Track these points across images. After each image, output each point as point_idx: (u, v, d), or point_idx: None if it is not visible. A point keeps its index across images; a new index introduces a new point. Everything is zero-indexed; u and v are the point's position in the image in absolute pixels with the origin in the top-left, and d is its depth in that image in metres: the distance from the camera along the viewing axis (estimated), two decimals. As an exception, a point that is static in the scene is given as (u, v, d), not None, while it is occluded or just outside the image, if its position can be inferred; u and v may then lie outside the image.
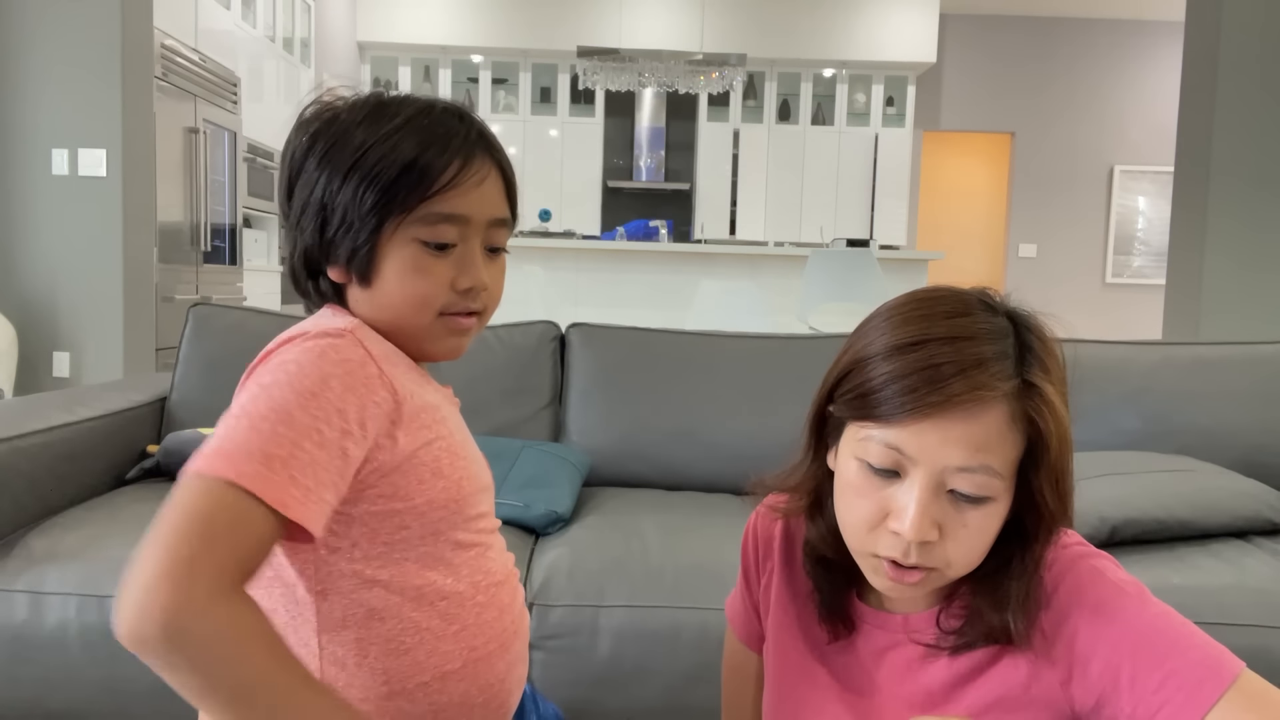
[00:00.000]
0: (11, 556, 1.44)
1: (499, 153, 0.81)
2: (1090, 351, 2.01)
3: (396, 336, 0.78)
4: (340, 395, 0.68)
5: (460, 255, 0.77)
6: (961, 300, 0.69)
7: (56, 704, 1.39)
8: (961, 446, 0.64)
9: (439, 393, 0.81)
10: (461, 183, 0.75)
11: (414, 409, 0.73)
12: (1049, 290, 7.86)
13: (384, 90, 0.82)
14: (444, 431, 0.76)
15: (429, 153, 0.75)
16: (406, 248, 0.75)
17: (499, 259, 0.82)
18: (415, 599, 0.73)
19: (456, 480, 0.75)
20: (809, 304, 4.29)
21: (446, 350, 0.80)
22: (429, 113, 0.78)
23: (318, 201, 0.75)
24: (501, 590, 0.80)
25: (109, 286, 3.73)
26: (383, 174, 0.73)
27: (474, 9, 7.14)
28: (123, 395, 1.90)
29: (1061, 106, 7.80)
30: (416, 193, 0.74)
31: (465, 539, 0.77)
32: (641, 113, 7.69)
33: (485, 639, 0.77)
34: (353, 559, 0.72)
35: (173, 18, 4.29)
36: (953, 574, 0.68)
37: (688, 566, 1.47)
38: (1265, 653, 1.34)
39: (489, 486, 0.83)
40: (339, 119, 0.78)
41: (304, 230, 0.77)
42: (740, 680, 0.92)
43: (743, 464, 0.89)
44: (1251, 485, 1.65)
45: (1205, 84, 4.03)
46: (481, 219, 0.78)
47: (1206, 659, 0.62)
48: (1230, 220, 3.95)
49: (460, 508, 0.76)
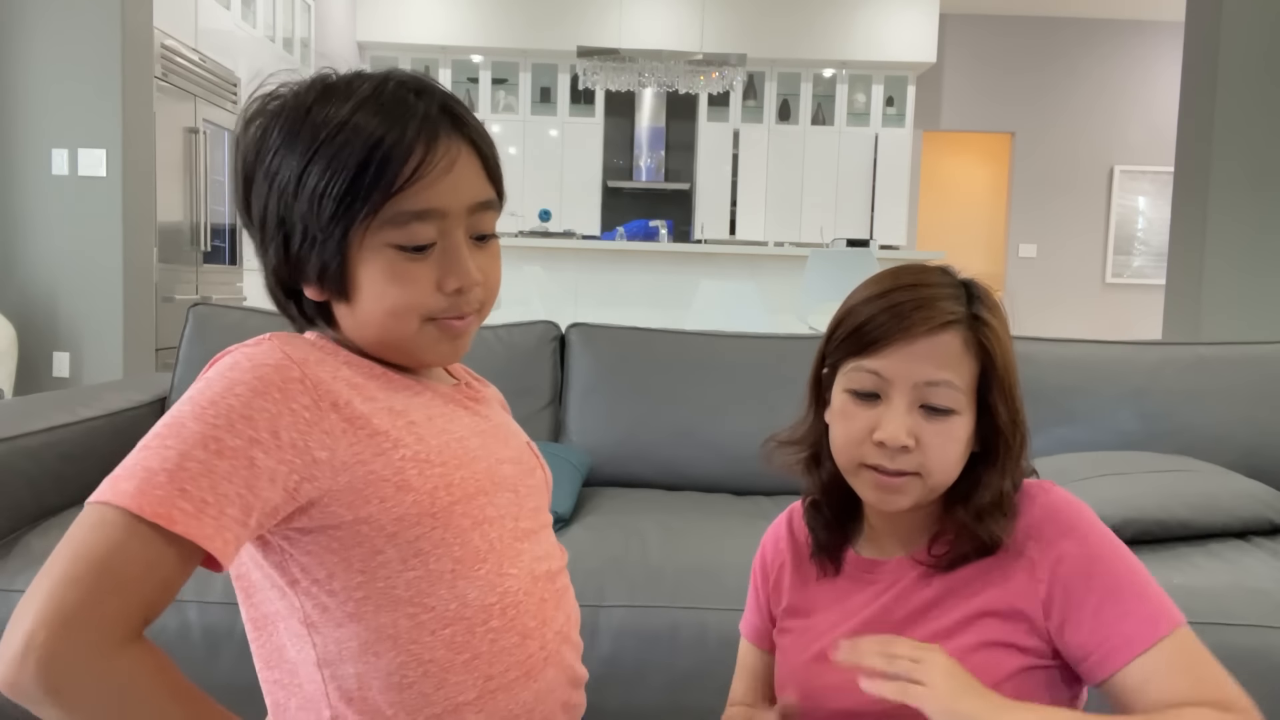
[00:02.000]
0: (11, 556, 1.44)
1: (469, 126, 0.70)
2: (1090, 351, 2.01)
3: (385, 350, 0.71)
4: (246, 401, 0.61)
5: (442, 253, 0.68)
6: (923, 267, 0.84)
7: (56, 704, 1.38)
8: (928, 363, 0.77)
9: (433, 396, 0.74)
10: (427, 172, 0.66)
11: (357, 416, 0.65)
12: (1049, 290, 7.87)
13: (330, 72, 0.70)
14: (408, 439, 0.67)
15: (385, 143, 0.65)
16: (379, 255, 0.67)
17: (490, 245, 0.73)
18: (413, 629, 0.67)
19: (429, 491, 0.66)
20: (809, 304, 4.29)
21: (444, 355, 0.73)
22: (380, 94, 0.67)
23: (275, 216, 0.67)
24: (521, 612, 0.71)
25: (109, 286, 3.73)
26: (336, 177, 0.64)
27: (474, 9, 7.14)
28: (123, 395, 1.90)
29: (1061, 106, 7.80)
30: (378, 192, 0.65)
31: (464, 554, 0.68)
32: (641, 113, 7.69)
33: (504, 667, 0.69)
34: (332, 591, 0.66)
35: (173, 18, 4.29)
36: (932, 482, 0.78)
37: (688, 566, 1.47)
38: (1265, 653, 1.34)
39: (507, 485, 0.74)
40: (284, 113, 0.68)
41: (267, 249, 0.69)
42: (748, 673, 0.97)
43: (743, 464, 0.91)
44: (1251, 485, 1.65)
45: (1205, 84, 4.03)
46: (459, 208, 0.68)
47: (1160, 607, 0.74)
48: (1230, 220, 3.95)
49: (446, 520, 0.67)
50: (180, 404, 0.62)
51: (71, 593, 0.54)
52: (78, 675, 0.54)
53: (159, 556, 0.56)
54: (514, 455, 0.77)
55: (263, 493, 0.60)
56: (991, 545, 0.78)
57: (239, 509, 0.59)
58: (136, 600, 0.56)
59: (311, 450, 0.63)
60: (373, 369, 0.71)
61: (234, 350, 0.66)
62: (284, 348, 0.66)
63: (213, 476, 0.58)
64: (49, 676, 0.53)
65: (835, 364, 0.82)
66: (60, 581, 0.55)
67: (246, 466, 0.59)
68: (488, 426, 0.77)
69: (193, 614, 1.39)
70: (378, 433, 0.66)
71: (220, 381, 0.62)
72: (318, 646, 0.67)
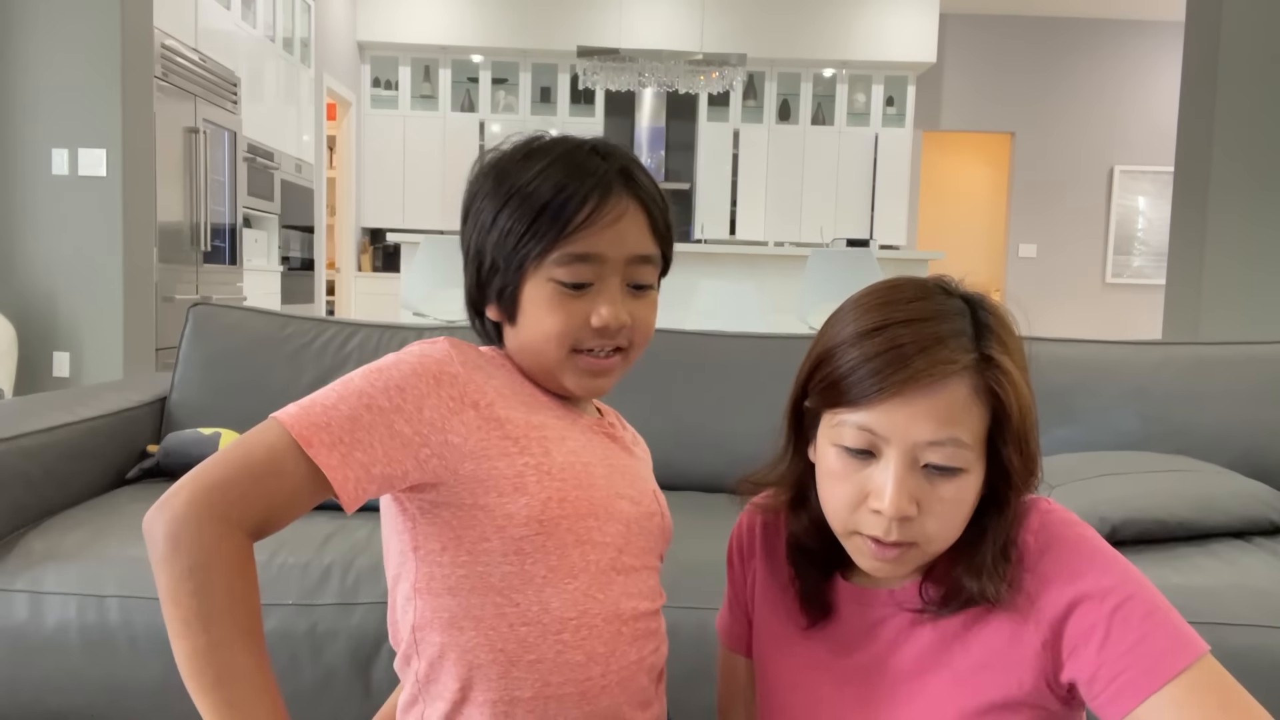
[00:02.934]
0: (11, 556, 1.44)
1: (643, 188, 0.80)
2: (1090, 351, 2.01)
3: (537, 374, 0.81)
4: (405, 376, 0.72)
5: (598, 294, 0.78)
6: (920, 286, 0.73)
7: (56, 704, 1.39)
8: (929, 421, 0.67)
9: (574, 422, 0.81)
10: (595, 222, 0.76)
11: (494, 417, 0.74)
12: (1049, 290, 7.87)
13: (543, 134, 0.83)
14: (535, 449, 0.75)
15: (563, 194, 0.76)
16: (544, 287, 0.77)
17: (646, 296, 0.82)
18: (495, 617, 0.74)
19: (542, 500, 0.73)
20: (809, 304, 4.29)
21: (584, 389, 0.81)
22: (574, 153, 0.79)
23: (474, 247, 0.80)
24: (593, 635, 0.76)
25: (109, 286, 3.73)
26: (522, 218, 0.76)
27: (474, 9, 7.14)
28: (123, 395, 1.90)
29: (1061, 106, 7.80)
30: (551, 234, 0.75)
31: (559, 565, 0.75)
32: (641, 113, 7.69)
33: (562, 679, 0.75)
34: (441, 563, 0.74)
35: (173, 18, 4.29)
36: (933, 549, 0.71)
37: (687, 566, 1.47)
38: (1265, 653, 1.34)
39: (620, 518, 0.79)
40: (497, 164, 0.80)
41: (467, 273, 0.82)
42: (734, 687, 0.94)
43: (743, 464, 0.89)
44: (1251, 485, 1.65)
45: (1205, 84, 4.03)
46: (618, 257, 0.78)
47: (1176, 635, 0.65)
48: (1230, 220, 3.95)
49: (551, 530, 0.74)
50: (361, 369, 0.74)
51: (219, 470, 0.66)
52: (190, 530, 0.63)
53: (294, 469, 0.67)
54: (635, 495, 0.82)
55: (394, 453, 0.69)
56: (988, 601, 0.70)
57: (367, 456, 0.68)
58: (264, 497, 0.66)
59: (447, 433, 0.72)
60: (525, 386, 0.81)
61: (416, 343, 0.77)
62: (452, 348, 0.76)
63: (356, 424, 0.68)
64: (171, 522, 0.64)
65: (818, 407, 0.74)
66: (216, 460, 0.66)
67: (386, 426, 0.69)
68: (618, 462, 0.83)
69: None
70: (508, 436, 0.74)
71: (393, 358, 0.74)
72: (417, 611, 0.75)
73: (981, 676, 0.71)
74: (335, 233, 7.40)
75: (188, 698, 0.66)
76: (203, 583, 0.63)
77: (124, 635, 1.35)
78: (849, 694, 0.77)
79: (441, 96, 7.47)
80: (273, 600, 1.36)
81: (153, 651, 1.34)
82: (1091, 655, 0.66)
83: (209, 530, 0.64)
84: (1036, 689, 0.69)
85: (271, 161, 5.48)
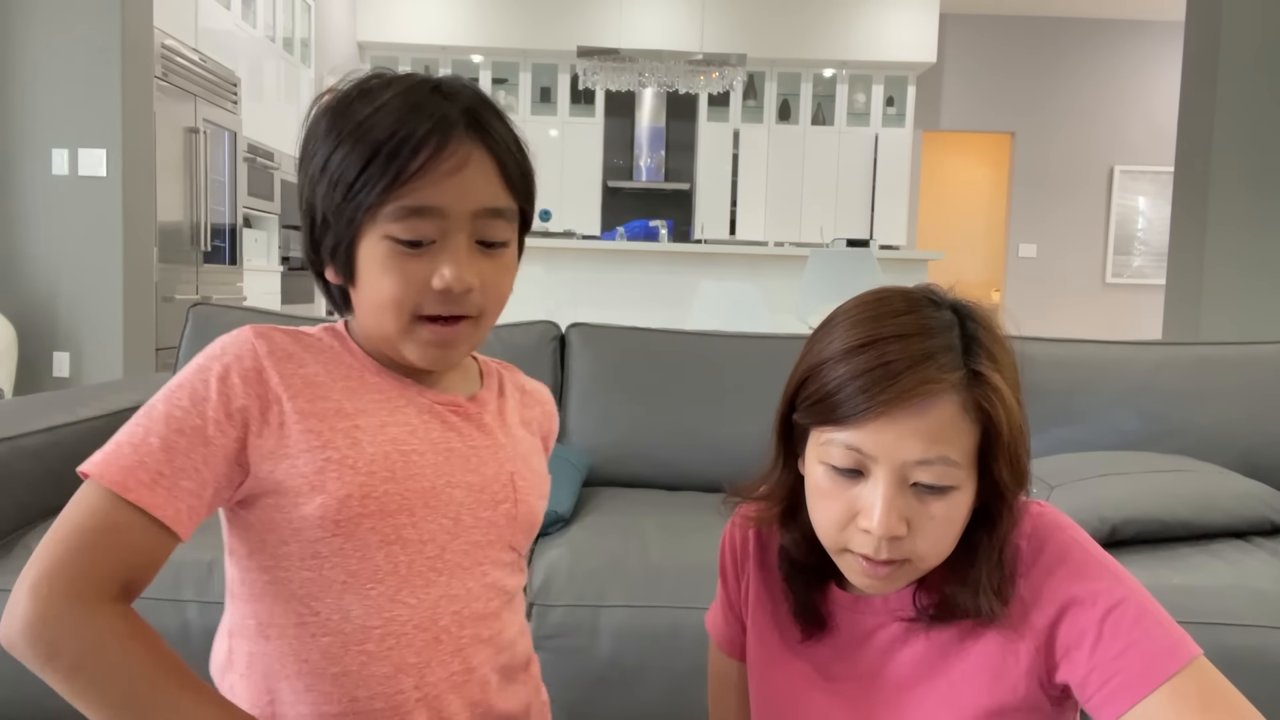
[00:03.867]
0: (11, 556, 1.44)
1: (492, 132, 0.70)
2: (1090, 351, 2.01)
3: (382, 343, 0.73)
4: (208, 384, 0.67)
5: (438, 252, 0.69)
6: (907, 299, 0.71)
7: (57, 704, 1.38)
8: (917, 439, 0.66)
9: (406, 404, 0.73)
10: (433, 169, 0.67)
11: (297, 411, 0.68)
12: (1049, 290, 7.87)
13: (383, 71, 0.73)
14: (341, 442, 0.68)
15: (395, 137, 0.67)
16: (379, 245, 0.68)
17: (499, 255, 0.72)
18: (297, 626, 0.69)
19: (341, 497, 0.67)
20: (809, 304, 4.29)
21: (428, 359, 0.72)
22: (412, 91, 0.69)
23: (305, 200, 0.72)
24: (402, 644, 0.69)
25: (109, 286, 3.73)
26: (352, 164, 0.67)
27: (474, 9, 7.14)
28: (123, 395, 1.90)
29: (1061, 106, 7.80)
30: (383, 183, 0.66)
31: (360, 569, 0.68)
32: (641, 113, 7.69)
33: (370, 694, 0.69)
34: (249, 567, 0.70)
35: (173, 18, 4.29)
36: (924, 566, 0.70)
37: (688, 566, 1.47)
38: (1265, 653, 1.34)
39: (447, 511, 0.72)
40: (330, 106, 0.71)
41: (302, 229, 0.74)
42: (726, 690, 0.93)
43: (743, 464, 0.89)
44: (1251, 485, 1.65)
45: (1205, 84, 4.03)
46: (462, 210, 0.68)
47: (1167, 639, 0.65)
48: (1230, 220, 3.95)
49: (349, 531, 0.67)
50: (162, 389, 0.69)
51: (51, 553, 0.61)
52: (57, 626, 0.59)
53: (126, 522, 0.62)
54: (477, 482, 0.74)
55: (217, 468, 0.66)
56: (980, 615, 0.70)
57: (194, 481, 0.64)
58: (111, 561, 0.62)
59: (252, 434, 0.67)
60: (349, 366, 0.73)
61: (218, 340, 0.72)
62: (255, 339, 0.70)
63: (171, 451, 0.64)
64: (29, 628, 0.59)
65: (806, 423, 0.72)
66: (45, 544, 0.62)
67: (203, 444, 0.65)
68: (460, 446, 0.74)
69: (192, 613, 1.39)
70: (311, 430, 0.68)
71: (192, 366, 0.69)
72: (231, 616, 0.73)
73: (976, 683, 0.71)
74: (335, 233, 7.39)
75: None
76: (95, 672, 0.59)
77: (124, 635, 1.35)
78: (843, 703, 0.77)
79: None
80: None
81: (153, 651, 1.34)
82: (1083, 659, 0.66)
83: (69, 620, 0.59)
84: (1030, 694, 0.69)
85: (271, 161, 5.48)
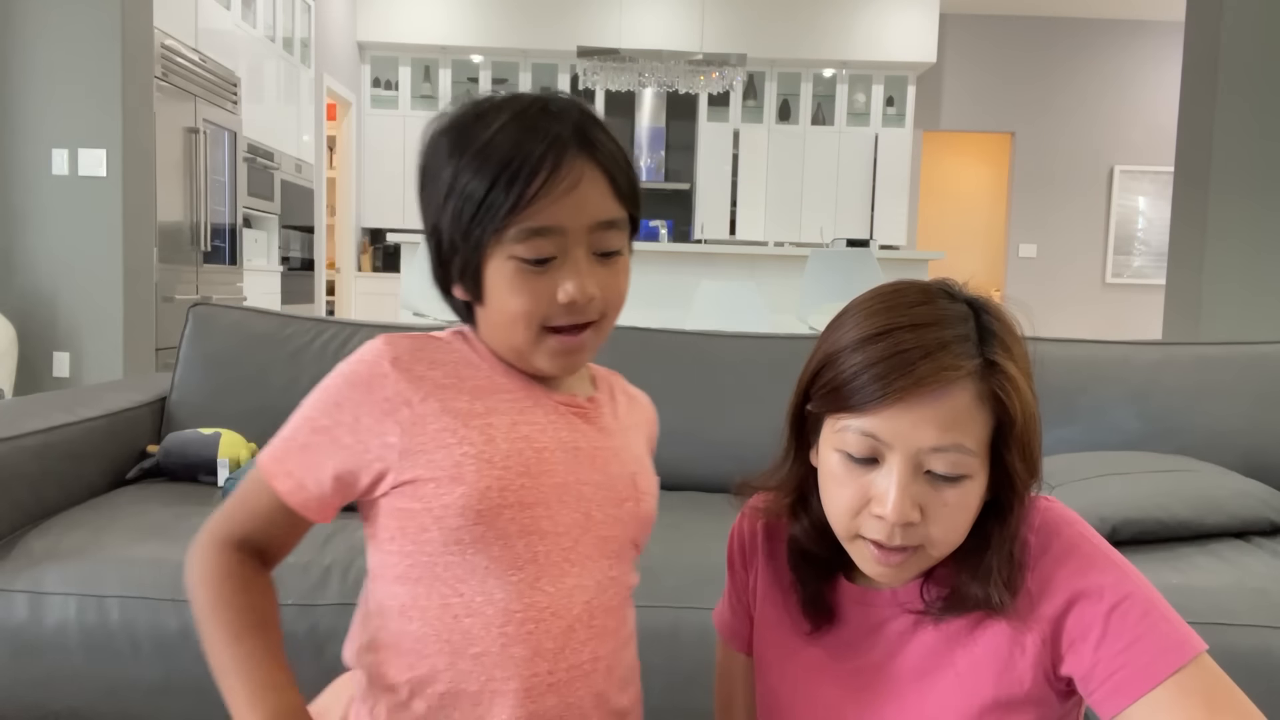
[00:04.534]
0: (11, 556, 1.44)
1: (600, 148, 0.74)
2: (1090, 351, 2.01)
3: (508, 354, 0.78)
4: (340, 390, 0.75)
5: (561, 267, 0.73)
6: (923, 290, 0.72)
7: (57, 704, 1.39)
8: (933, 426, 0.67)
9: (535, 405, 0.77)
10: (550, 191, 0.71)
11: (432, 410, 0.73)
12: (1049, 290, 7.87)
13: (494, 93, 0.78)
14: (476, 438, 0.73)
15: (512, 165, 0.71)
16: (505, 265, 0.73)
17: (614, 263, 0.77)
18: (441, 608, 0.73)
19: (481, 489, 0.71)
20: (809, 304, 4.29)
21: (557, 367, 0.77)
22: (522, 115, 0.74)
23: (432, 221, 0.76)
24: (540, 630, 0.73)
25: (109, 286, 3.73)
26: (473, 193, 0.71)
27: (474, 9, 7.14)
28: (123, 395, 1.90)
29: (1061, 106, 7.80)
30: (505, 208, 0.71)
31: (502, 555, 0.73)
32: (641, 113, 7.69)
33: (506, 674, 0.73)
34: (391, 551, 0.75)
35: (173, 18, 4.29)
36: (936, 553, 0.70)
37: (688, 566, 1.47)
38: (1265, 653, 1.34)
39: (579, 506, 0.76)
40: (448, 128, 0.76)
41: (429, 249, 0.78)
42: (733, 686, 0.93)
43: (743, 464, 0.89)
44: (1251, 485, 1.65)
45: (1205, 84, 4.03)
46: (580, 226, 0.73)
47: (1173, 634, 0.66)
48: (1230, 220, 3.95)
49: (491, 520, 0.72)
50: (313, 391, 0.78)
51: (218, 510, 0.79)
52: (191, 556, 0.76)
53: (266, 501, 0.76)
54: (604, 480, 0.79)
55: (344, 465, 0.74)
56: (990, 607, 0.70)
57: (316, 479, 0.75)
58: (246, 519, 0.77)
59: (385, 435, 0.73)
60: (478, 369, 0.78)
61: (359, 349, 0.79)
62: (387, 346, 0.76)
63: (306, 450, 0.75)
64: (188, 553, 0.77)
65: (820, 411, 0.73)
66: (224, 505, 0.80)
67: (331, 444, 0.74)
68: (586, 445, 0.79)
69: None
70: (445, 429, 0.73)
71: (334, 372, 0.77)
72: (372, 598, 0.78)
73: (983, 675, 0.71)
74: (335, 233, 7.40)
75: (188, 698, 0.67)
76: (194, 596, 0.75)
77: (124, 635, 1.35)
78: (852, 695, 0.77)
79: (441, 97, 7.47)
80: (273, 600, 1.36)
81: (153, 652, 1.34)
82: (1088, 653, 0.67)
83: (200, 553, 0.76)
84: (1037, 686, 0.70)
85: (271, 161, 5.48)
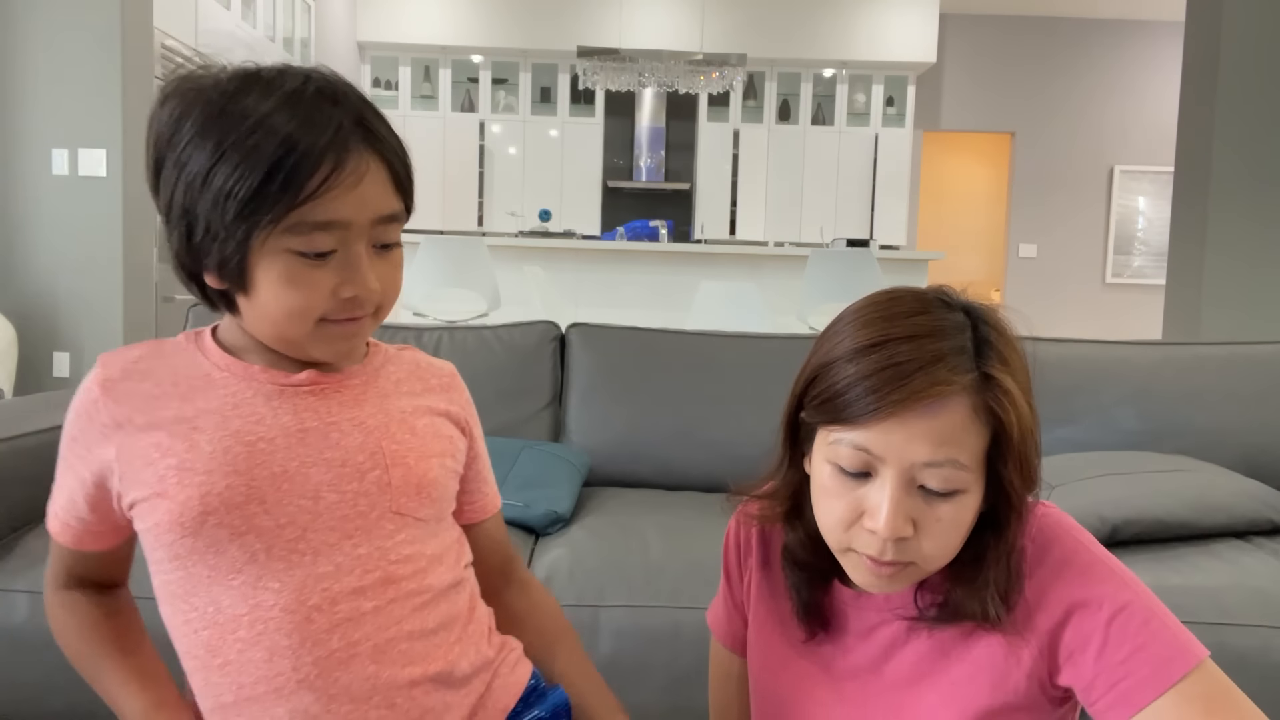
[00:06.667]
0: (11, 556, 1.44)
1: (382, 140, 0.71)
2: (1090, 351, 2.01)
3: (279, 344, 0.74)
4: (72, 423, 0.76)
5: (342, 261, 0.70)
6: (919, 299, 0.70)
7: (57, 704, 1.39)
8: (926, 442, 0.65)
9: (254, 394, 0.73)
10: (335, 185, 0.67)
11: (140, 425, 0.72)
12: (1049, 290, 7.87)
13: (254, 65, 0.71)
14: (180, 447, 0.70)
15: (294, 155, 0.65)
16: (279, 258, 0.68)
17: (391, 255, 0.74)
18: (183, 625, 0.73)
19: (183, 501, 0.69)
20: (809, 304, 4.29)
21: (334, 355, 0.75)
22: (298, 98, 0.68)
23: (180, 205, 0.69)
24: (272, 629, 0.70)
25: (109, 286, 3.73)
26: (243, 180, 0.65)
27: (474, 9, 7.14)
28: (123, 395, 1.90)
29: (1061, 106, 7.80)
30: (283, 202, 0.66)
31: (219, 563, 0.70)
32: (641, 113, 7.69)
33: (252, 679, 0.70)
34: (151, 573, 0.75)
35: (173, 18, 4.29)
36: (930, 567, 0.69)
37: (688, 566, 1.47)
38: (1265, 653, 1.34)
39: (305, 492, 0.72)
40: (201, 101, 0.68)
41: (171, 234, 0.71)
42: (727, 685, 0.93)
43: (743, 464, 0.89)
44: (1251, 485, 1.65)
45: (1205, 84, 4.03)
46: (363, 220, 0.69)
47: (1174, 642, 0.65)
48: (1230, 220, 3.95)
49: (197, 530, 0.69)
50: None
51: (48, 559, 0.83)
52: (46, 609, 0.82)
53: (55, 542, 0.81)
54: (338, 457, 0.73)
55: (92, 495, 0.75)
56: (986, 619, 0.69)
57: (77, 510, 0.77)
58: (63, 565, 0.81)
59: (107, 460, 0.73)
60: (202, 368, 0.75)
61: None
62: (100, 369, 0.75)
63: (60, 490, 0.77)
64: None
65: (814, 422, 0.71)
66: None
67: (75, 478, 0.75)
68: (318, 424, 0.74)
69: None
70: (152, 444, 0.72)
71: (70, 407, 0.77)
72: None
73: (977, 683, 0.70)
74: (335, 233, 7.39)
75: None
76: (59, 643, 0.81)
77: (124, 635, 1.35)
78: (844, 699, 0.77)
79: (441, 97, 7.47)
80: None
81: (153, 651, 1.34)
82: (1089, 663, 0.66)
83: (46, 603, 0.82)
84: (1030, 694, 0.69)
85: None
